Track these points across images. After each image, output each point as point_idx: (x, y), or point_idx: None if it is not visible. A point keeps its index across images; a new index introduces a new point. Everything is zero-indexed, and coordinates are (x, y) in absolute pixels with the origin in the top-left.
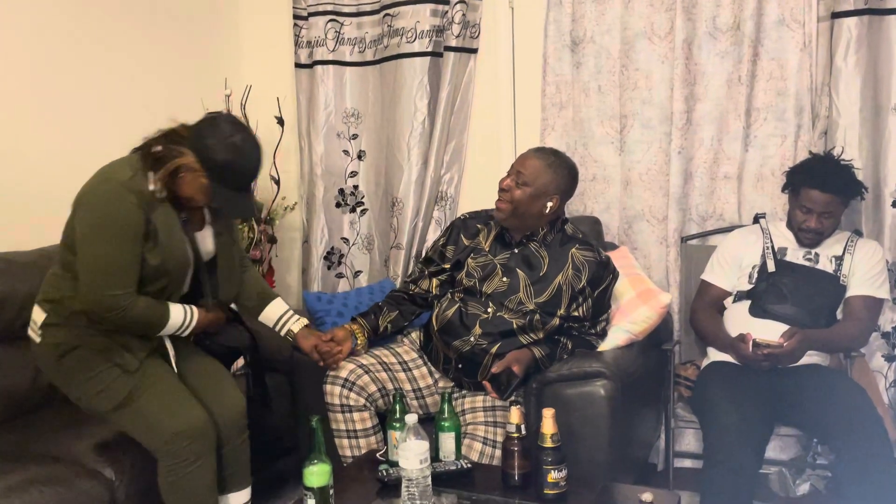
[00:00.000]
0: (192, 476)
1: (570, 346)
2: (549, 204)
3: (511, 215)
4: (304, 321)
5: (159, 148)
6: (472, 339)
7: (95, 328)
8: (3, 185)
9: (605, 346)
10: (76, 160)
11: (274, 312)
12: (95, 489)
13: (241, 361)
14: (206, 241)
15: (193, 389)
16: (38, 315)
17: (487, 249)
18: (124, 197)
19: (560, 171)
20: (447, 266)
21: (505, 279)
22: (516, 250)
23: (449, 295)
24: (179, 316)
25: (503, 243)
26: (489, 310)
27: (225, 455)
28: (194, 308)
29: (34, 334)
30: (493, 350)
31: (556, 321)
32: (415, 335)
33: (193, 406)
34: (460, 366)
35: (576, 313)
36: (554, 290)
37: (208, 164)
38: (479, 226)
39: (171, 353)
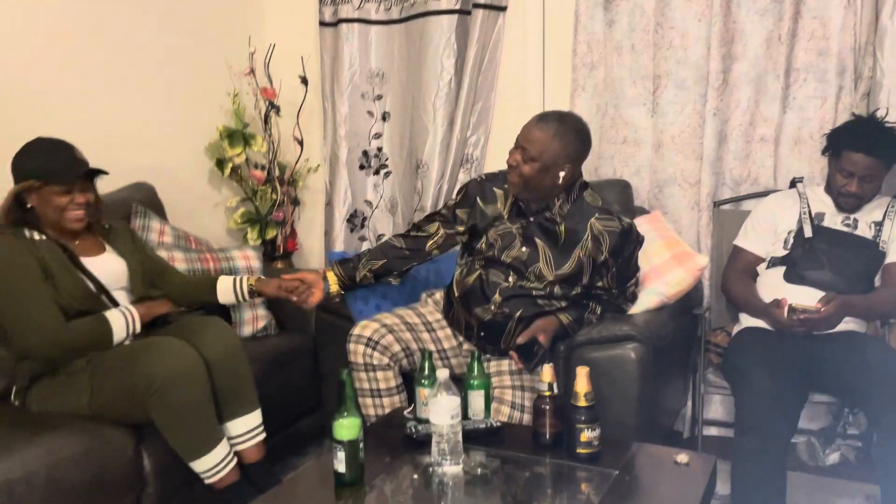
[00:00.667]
0: (176, 396)
1: (598, 311)
2: (562, 174)
3: (522, 190)
4: (255, 276)
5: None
6: (492, 306)
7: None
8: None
9: (635, 308)
10: (101, 117)
11: (225, 284)
12: (121, 437)
13: None
14: (109, 263)
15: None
16: (12, 393)
17: (506, 217)
18: (8, 250)
19: (567, 137)
20: (460, 228)
21: (524, 248)
22: (532, 219)
23: (469, 261)
24: (120, 320)
25: (519, 211)
26: (510, 279)
27: (223, 379)
28: (130, 307)
29: (14, 402)
30: (517, 315)
31: (580, 289)
32: (438, 296)
33: (155, 341)
34: (482, 333)
35: (600, 284)
36: (574, 263)
37: (28, 172)
38: (496, 189)
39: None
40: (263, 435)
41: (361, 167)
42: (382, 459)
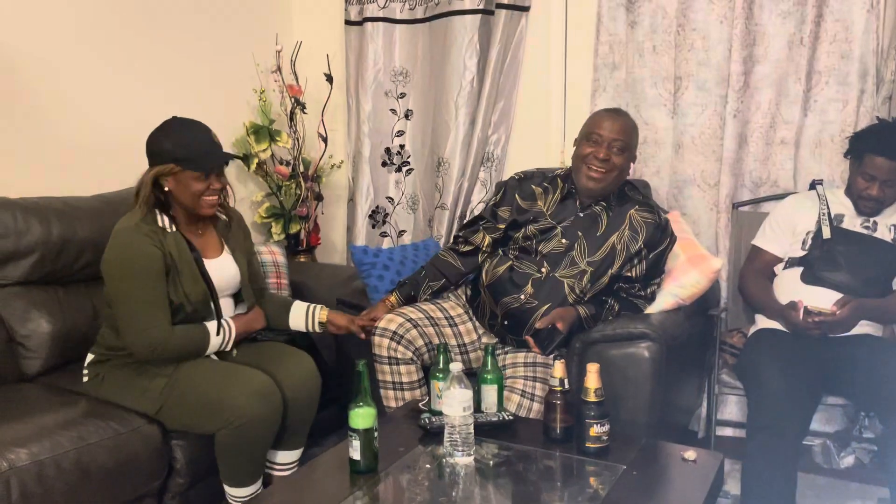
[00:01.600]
0: (250, 437)
1: (616, 308)
2: (633, 166)
3: (611, 184)
4: (325, 308)
5: (137, 186)
6: (522, 296)
7: (129, 356)
8: (66, 133)
9: (651, 309)
10: (133, 110)
11: (299, 311)
12: (148, 427)
13: None
14: (225, 268)
15: (254, 365)
16: (87, 360)
17: (548, 213)
18: (136, 238)
19: (636, 127)
20: (501, 226)
21: (564, 241)
22: (581, 214)
23: (500, 252)
24: (218, 337)
25: (568, 206)
26: (543, 269)
27: (291, 415)
28: (230, 320)
29: (84, 377)
30: (542, 310)
31: (606, 279)
32: (460, 290)
33: (246, 373)
34: (506, 322)
35: (629, 273)
36: (608, 249)
37: (167, 156)
38: (535, 187)
39: (213, 355)
40: (297, 468)
41: (384, 164)
42: (396, 449)
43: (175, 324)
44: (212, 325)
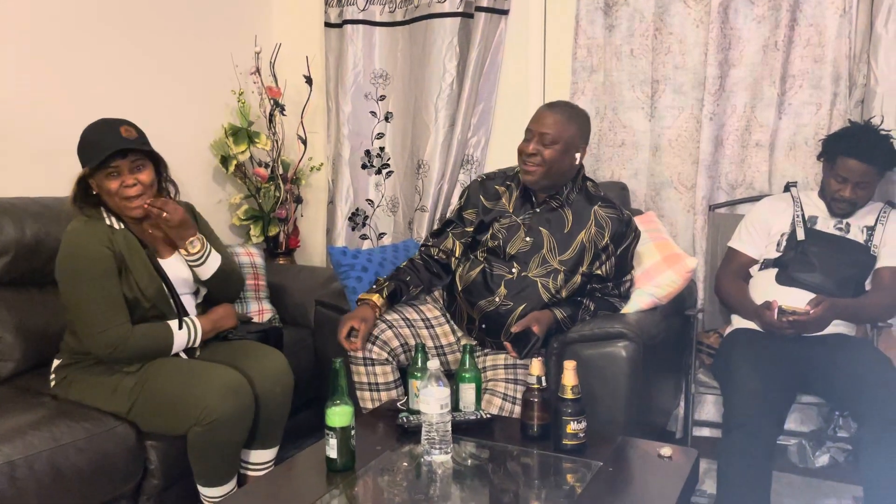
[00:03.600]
0: (221, 434)
1: (592, 308)
2: (578, 156)
3: (543, 177)
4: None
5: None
6: (496, 299)
7: (95, 359)
8: (40, 133)
9: (627, 308)
10: (109, 111)
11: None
12: (122, 428)
13: None
14: (180, 266)
15: (224, 363)
16: (53, 365)
17: (511, 211)
18: (83, 239)
19: (579, 120)
20: (470, 229)
21: (528, 238)
22: (538, 210)
23: (472, 256)
24: (183, 336)
25: (526, 203)
26: (514, 270)
27: (264, 414)
28: (195, 319)
29: (51, 381)
30: (518, 311)
31: (578, 279)
32: (437, 293)
33: (215, 369)
34: (484, 325)
35: (598, 272)
36: (577, 246)
37: (81, 158)
38: (497, 187)
39: (182, 354)
40: (273, 469)
41: (364, 166)
42: (374, 448)
43: (135, 321)
44: (174, 324)
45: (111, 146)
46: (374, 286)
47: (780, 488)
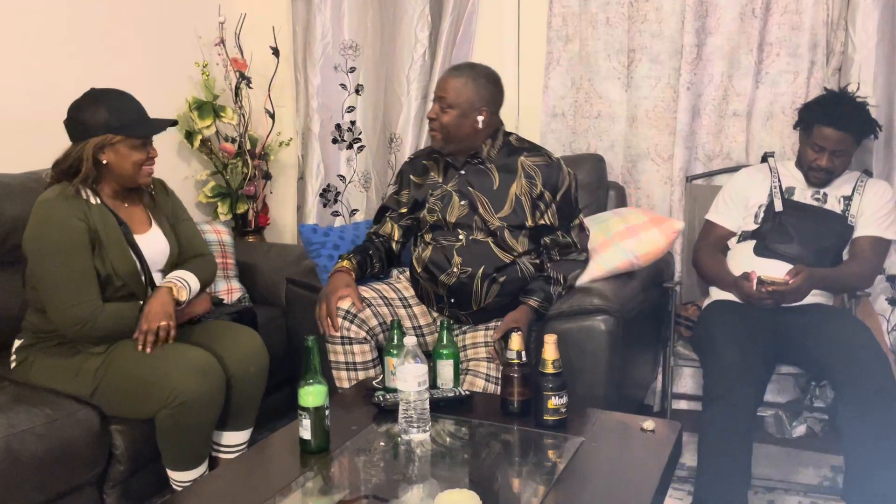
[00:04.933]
0: (190, 417)
1: (562, 279)
2: (480, 118)
3: (446, 142)
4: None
5: (64, 160)
6: (454, 269)
7: (59, 338)
8: None
9: (601, 265)
10: (66, 84)
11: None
12: (84, 412)
13: None
14: (155, 242)
15: (195, 343)
16: (14, 346)
17: (441, 181)
18: (58, 211)
19: (479, 82)
20: (404, 211)
21: (463, 203)
22: (462, 171)
23: (420, 238)
24: None
25: (451, 169)
26: (461, 237)
27: (237, 395)
28: None
29: (12, 363)
30: (480, 272)
31: (527, 233)
32: (406, 277)
33: (183, 350)
34: (452, 300)
35: (542, 221)
36: (512, 201)
37: (102, 127)
38: (425, 162)
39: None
40: (245, 450)
41: (334, 141)
42: (349, 428)
43: (106, 299)
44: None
45: (153, 119)
46: (339, 258)
47: (758, 459)
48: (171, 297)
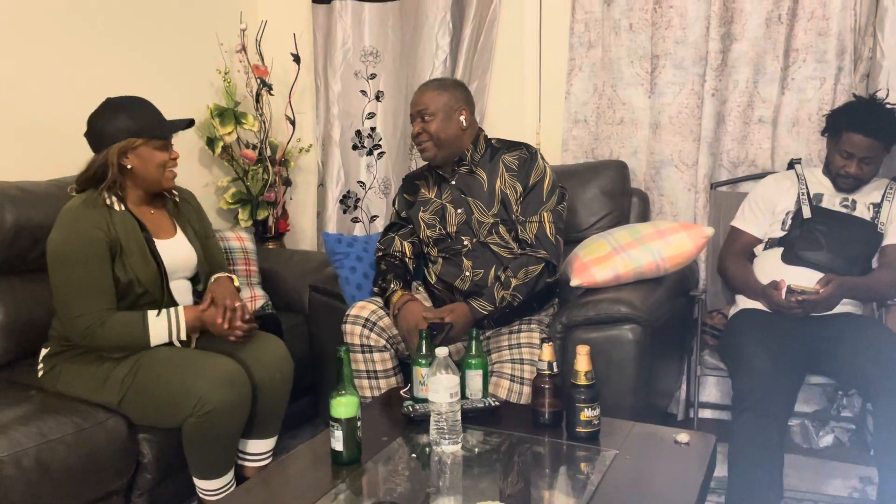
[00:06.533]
0: (217, 426)
1: (512, 282)
2: (462, 118)
3: (438, 148)
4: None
5: (87, 170)
6: (466, 273)
7: (84, 347)
8: (19, 116)
9: (628, 264)
10: (90, 91)
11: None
12: (113, 421)
13: None
14: (179, 249)
15: (221, 352)
16: (41, 354)
17: (433, 197)
18: (79, 221)
19: (449, 87)
20: (410, 228)
21: (459, 211)
22: (453, 182)
23: (428, 255)
24: (162, 327)
25: (443, 183)
26: (465, 242)
27: (263, 403)
28: (179, 315)
29: (39, 371)
30: (492, 272)
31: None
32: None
33: (211, 359)
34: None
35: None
36: (499, 197)
37: (124, 132)
38: (417, 182)
39: (176, 343)
40: (271, 459)
41: (354, 147)
42: (379, 439)
43: (126, 306)
44: (153, 319)
45: (170, 120)
46: (391, 287)
47: (785, 469)
48: (232, 285)
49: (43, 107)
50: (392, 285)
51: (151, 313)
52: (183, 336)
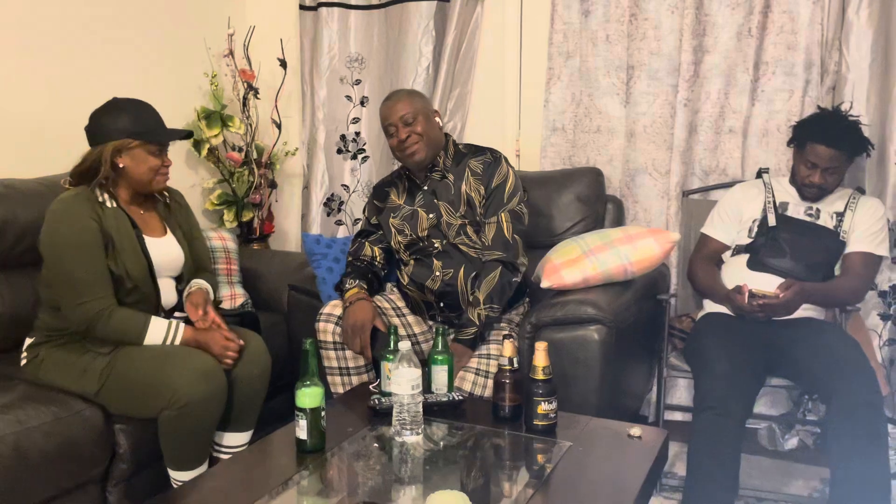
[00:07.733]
0: (192, 419)
1: (478, 299)
2: (438, 120)
3: (427, 150)
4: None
5: (82, 163)
6: (437, 273)
7: (69, 336)
8: (6, 114)
9: (595, 266)
10: (79, 92)
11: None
12: (90, 411)
13: None
14: (168, 248)
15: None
16: (25, 344)
17: (403, 203)
18: (72, 212)
19: (416, 94)
20: (380, 234)
21: (431, 215)
22: (426, 187)
23: (400, 260)
24: (160, 333)
25: (414, 189)
26: (436, 244)
27: (240, 396)
28: (180, 328)
29: (22, 360)
30: (461, 274)
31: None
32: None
33: (188, 353)
34: (442, 304)
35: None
36: (465, 200)
37: (122, 131)
38: (386, 189)
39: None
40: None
41: (339, 151)
42: (344, 429)
43: (118, 300)
44: (156, 324)
45: (170, 128)
46: (346, 284)
47: (749, 471)
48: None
49: (30, 107)
50: (349, 283)
51: (155, 319)
52: (177, 343)
